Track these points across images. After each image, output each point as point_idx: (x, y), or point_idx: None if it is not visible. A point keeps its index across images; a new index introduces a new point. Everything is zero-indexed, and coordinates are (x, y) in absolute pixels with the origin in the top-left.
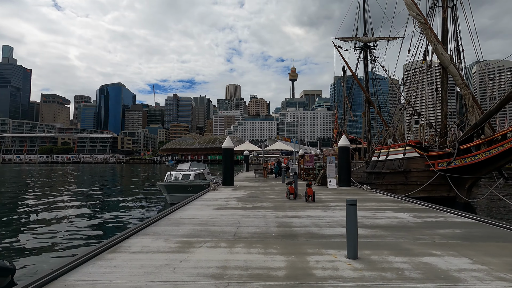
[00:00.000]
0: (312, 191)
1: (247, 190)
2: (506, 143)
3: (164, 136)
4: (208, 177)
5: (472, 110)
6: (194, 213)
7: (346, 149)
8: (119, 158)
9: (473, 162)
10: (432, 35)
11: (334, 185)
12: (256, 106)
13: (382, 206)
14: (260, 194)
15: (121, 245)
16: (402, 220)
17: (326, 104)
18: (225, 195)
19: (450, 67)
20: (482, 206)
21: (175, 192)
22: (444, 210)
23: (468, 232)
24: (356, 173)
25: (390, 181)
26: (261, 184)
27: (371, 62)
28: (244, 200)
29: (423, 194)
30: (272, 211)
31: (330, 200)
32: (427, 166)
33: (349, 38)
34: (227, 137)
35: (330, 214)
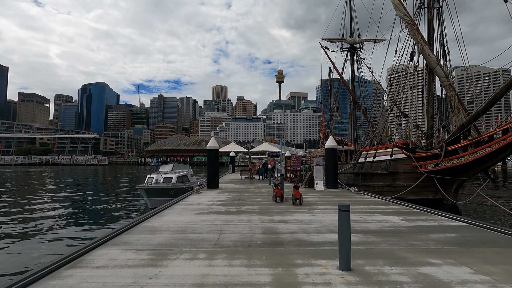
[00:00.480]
0: (299, 193)
1: (232, 193)
2: (493, 144)
3: (149, 137)
4: (192, 179)
5: (458, 111)
6: (174, 218)
7: (333, 150)
8: (102, 160)
9: (460, 163)
10: (419, 36)
11: (321, 187)
12: (243, 108)
13: (371, 209)
14: (246, 197)
15: (84, 259)
16: (394, 224)
17: (312, 106)
18: (209, 198)
19: (436, 68)
20: (468, 208)
21: (156, 196)
22: (434, 213)
23: (462, 237)
24: (343, 174)
25: (377, 182)
26: (247, 186)
27: (357, 64)
28: (228, 204)
29: (410, 195)
30: (258, 216)
31: (318, 203)
32: (414, 168)
33: (335, 39)
34: (212, 137)
35: (319, 218)
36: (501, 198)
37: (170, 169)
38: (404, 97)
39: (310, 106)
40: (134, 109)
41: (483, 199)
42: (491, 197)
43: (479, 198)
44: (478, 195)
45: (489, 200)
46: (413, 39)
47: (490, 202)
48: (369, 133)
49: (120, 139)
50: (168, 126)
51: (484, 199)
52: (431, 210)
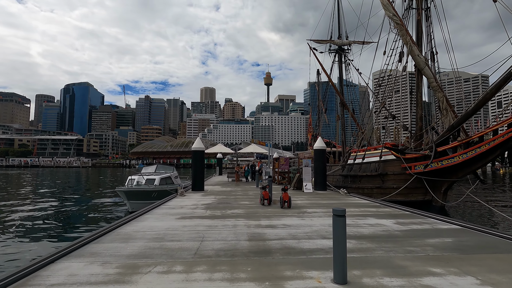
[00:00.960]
0: (288, 196)
1: (218, 196)
2: (483, 145)
3: (134, 138)
4: (177, 181)
5: (446, 112)
6: (152, 224)
7: (322, 151)
8: (84, 162)
9: (450, 164)
10: (408, 36)
11: (310, 189)
12: (231, 110)
13: (362, 211)
14: (232, 199)
15: (38, 275)
16: (387, 228)
17: (300, 109)
18: (193, 201)
19: (425, 69)
20: (457, 210)
21: (137, 198)
22: (426, 215)
23: (459, 242)
24: (332, 176)
25: (366, 184)
26: (233, 189)
27: (345, 66)
28: (213, 207)
29: (399, 197)
30: (244, 220)
31: (307, 205)
32: (404, 169)
33: (324, 40)
34: (198, 138)
35: (308, 222)
36: (491, 199)
37: (153, 170)
38: (392, 98)
39: (298, 108)
40: (120, 110)
41: (472, 201)
42: (478, 199)
43: (467, 200)
44: (467, 196)
45: (481, 203)
46: (401, 40)
47: (479, 203)
48: (357, 134)
49: (104, 141)
50: (155, 128)
51: (472, 201)
52: (423, 212)
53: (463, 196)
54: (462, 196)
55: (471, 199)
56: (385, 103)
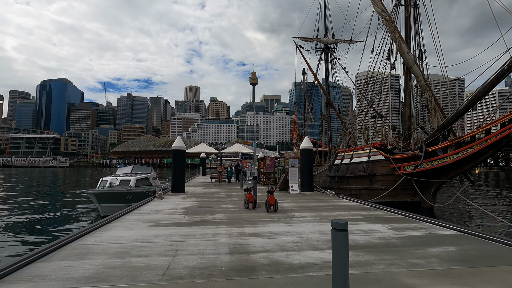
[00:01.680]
0: (274, 199)
1: (199, 198)
2: (475, 145)
3: (116, 137)
4: (155, 182)
5: (435, 112)
6: (119, 234)
7: (309, 151)
8: (62, 161)
9: (441, 165)
10: (397, 33)
11: (296, 190)
12: (216, 109)
13: (353, 215)
14: (214, 202)
15: None
16: (383, 235)
17: (285, 109)
18: (171, 205)
19: (414, 67)
20: (447, 211)
21: (109, 201)
22: (420, 219)
23: (464, 251)
24: (318, 177)
25: (354, 185)
26: (216, 190)
27: (331, 65)
28: (193, 212)
29: (388, 199)
30: (226, 227)
31: (294, 208)
32: (393, 170)
33: (310, 38)
34: (178, 137)
35: (297, 229)
36: (477, 200)
37: (129, 171)
38: (380, 97)
39: (283, 108)
40: (100, 108)
41: (460, 201)
42: (471, 201)
43: (456, 201)
44: (452, 197)
45: (473, 205)
46: (390, 37)
47: (466, 204)
48: (345, 133)
49: (83, 140)
50: (137, 127)
51: (461, 201)
52: (416, 216)
53: (453, 197)
54: (450, 197)
55: (458, 199)
56: (373, 101)
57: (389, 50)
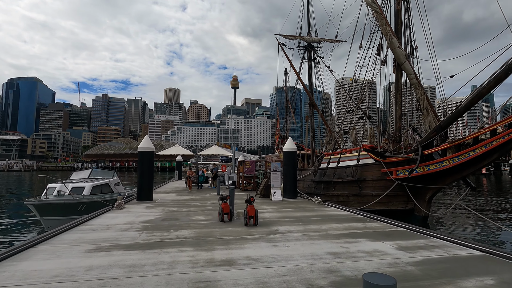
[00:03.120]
0: (254, 210)
1: (168, 208)
2: (478, 148)
3: (90, 140)
4: (118, 189)
5: (427, 112)
6: (37, 266)
7: (293, 153)
8: (28, 165)
9: (438, 169)
10: (388, 26)
11: (279, 197)
12: (196, 112)
13: (347, 228)
14: (184, 213)
15: None
16: (393, 259)
17: (266, 113)
18: (130, 217)
19: (405, 63)
20: (443, 220)
21: (54, 214)
22: (427, 234)
23: (505, 283)
24: (302, 182)
25: (342, 191)
26: (190, 197)
27: (314, 64)
28: (154, 227)
29: (378, 206)
30: (191, 251)
31: (278, 220)
32: (384, 175)
33: (293, 36)
34: (145, 137)
35: (283, 251)
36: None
37: (87, 176)
38: (367, 96)
39: (264, 112)
40: (73, 109)
41: (458, 209)
42: (464, 208)
43: (449, 208)
44: (452, 206)
45: (471, 212)
46: (380, 30)
47: (462, 212)
48: (330, 135)
49: (53, 142)
50: (113, 129)
51: (456, 209)
52: (420, 229)
53: (452, 205)
54: (442, 205)
55: (448, 206)
56: (362, 100)
57: (379, 45)
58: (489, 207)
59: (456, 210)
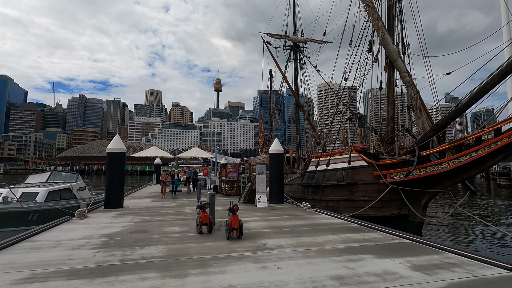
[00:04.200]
0: (238, 220)
1: (139, 216)
2: (481, 148)
3: (65, 142)
4: (83, 194)
5: (420, 112)
6: None
7: (279, 156)
8: None
9: (437, 172)
10: (380, 21)
11: (264, 203)
12: (178, 114)
13: (345, 241)
14: (156, 224)
15: None
16: (411, 284)
17: (249, 116)
18: (90, 229)
19: (398, 60)
20: (440, 226)
21: None
22: (437, 247)
23: None
24: (289, 186)
25: (331, 196)
26: (166, 204)
27: (300, 65)
28: (115, 244)
29: (371, 212)
30: (156, 278)
31: (265, 231)
32: (377, 178)
33: (278, 35)
34: (116, 136)
35: (275, 276)
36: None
37: (44, 179)
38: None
39: (247, 116)
40: (48, 109)
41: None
42: (473, 215)
43: (441, 213)
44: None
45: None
46: (372, 26)
47: (458, 217)
48: (319, 136)
49: (24, 144)
50: (90, 131)
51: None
52: (427, 241)
53: (451, 211)
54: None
55: (439, 211)
56: (352, 98)
57: (371, 41)
58: (481, 211)
59: (445, 215)
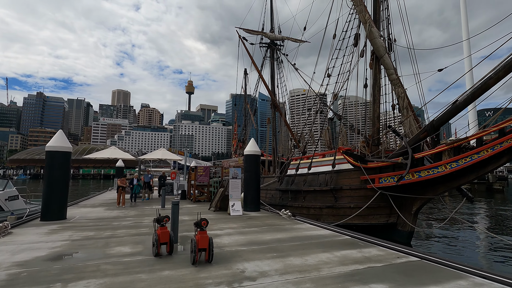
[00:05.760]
0: (207, 239)
1: (82, 231)
2: (483, 150)
3: (19, 143)
4: (14, 205)
5: (407, 112)
6: None
7: (255, 157)
8: None
9: (432, 176)
10: (367, 13)
11: (238, 211)
12: (147, 116)
13: (343, 262)
14: (101, 243)
15: None
16: None
17: (222, 119)
18: (2, 253)
19: (385, 56)
20: (432, 236)
21: None
22: (455, 267)
23: None
24: (265, 191)
25: (313, 202)
26: (122, 214)
27: (277, 63)
28: (26, 279)
29: (356, 220)
30: None
31: (242, 249)
32: (364, 182)
33: (255, 31)
34: (58, 132)
35: None
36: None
37: None
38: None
39: (220, 119)
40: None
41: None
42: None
43: (427, 219)
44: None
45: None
46: (358, 19)
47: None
48: (300, 136)
49: None
50: (48, 131)
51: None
52: (440, 259)
53: (446, 219)
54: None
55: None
56: (337, 96)
57: (356, 35)
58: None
59: (432, 221)
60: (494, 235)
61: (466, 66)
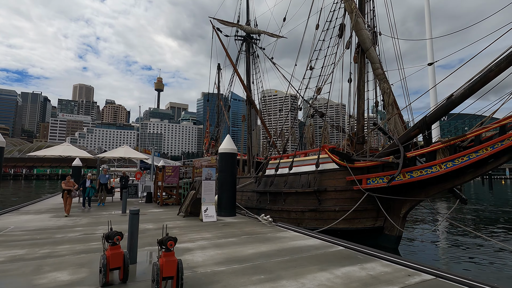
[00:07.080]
0: (174, 264)
1: (9, 249)
2: (482, 149)
3: None
4: None
5: (392, 109)
6: None
7: (232, 156)
8: None
9: (424, 177)
10: (353, 2)
11: (212, 216)
12: (112, 113)
13: (347, 284)
14: (30, 268)
15: None
16: None
17: (192, 118)
18: None
19: (371, 49)
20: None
21: None
22: (479, 285)
23: None
24: (241, 193)
25: (295, 205)
26: (71, 222)
27: (253, 58)
28: None
29: (341, 224)
30: None
31: (220, 270)
32: (350, 183)
33: (230, 22)
34: None
35: None
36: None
37: None
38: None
39: (191, 118)
40: None
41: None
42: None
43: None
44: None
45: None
46: (345, 6)
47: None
48: (280, 133)
49: None
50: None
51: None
52: (459, 276)
53: (440, 222)
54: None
55: (416, 217)
56: (320, 90)
57: (341, 25)
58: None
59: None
60: (489, 239)
61: (430, 73)
